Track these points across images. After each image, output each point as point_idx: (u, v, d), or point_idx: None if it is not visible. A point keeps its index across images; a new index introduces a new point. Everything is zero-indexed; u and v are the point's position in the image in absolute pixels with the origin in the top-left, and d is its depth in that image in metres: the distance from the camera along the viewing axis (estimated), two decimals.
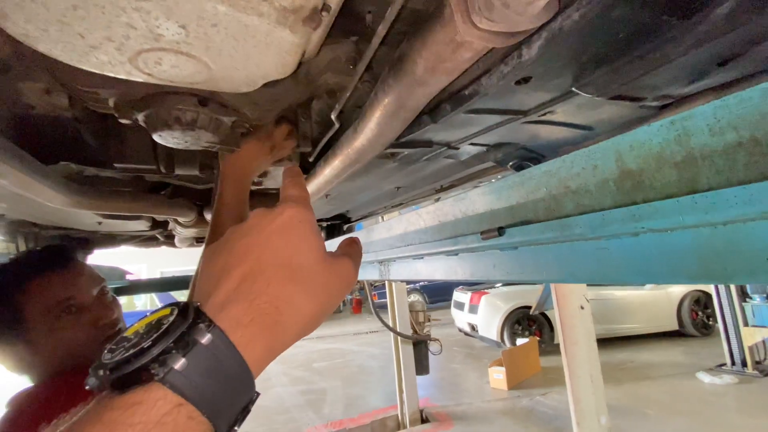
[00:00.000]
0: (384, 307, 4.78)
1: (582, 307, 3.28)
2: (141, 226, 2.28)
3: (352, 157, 0.92)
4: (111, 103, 0.66)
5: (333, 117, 0.78)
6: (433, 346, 4.51)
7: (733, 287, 5.03)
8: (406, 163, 1.28)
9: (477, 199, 0.97)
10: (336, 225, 3.11)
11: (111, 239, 2.77)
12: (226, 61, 0.52)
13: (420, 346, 4.41)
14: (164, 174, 0.98)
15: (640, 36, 0.54)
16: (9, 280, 0.76)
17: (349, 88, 0.73)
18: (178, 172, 0.97)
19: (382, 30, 0.49)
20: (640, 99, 0.71)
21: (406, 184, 1.80)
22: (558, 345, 6.21)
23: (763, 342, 4.92)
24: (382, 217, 4.44)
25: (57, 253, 0.83)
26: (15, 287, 0.75)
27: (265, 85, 0.64)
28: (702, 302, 6.70)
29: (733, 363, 5.02)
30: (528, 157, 1.22)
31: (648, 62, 0.58)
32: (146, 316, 0.30)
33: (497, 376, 5.10)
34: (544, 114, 0.82)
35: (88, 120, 0.84)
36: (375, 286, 16.02)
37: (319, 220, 2.94)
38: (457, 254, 1.20)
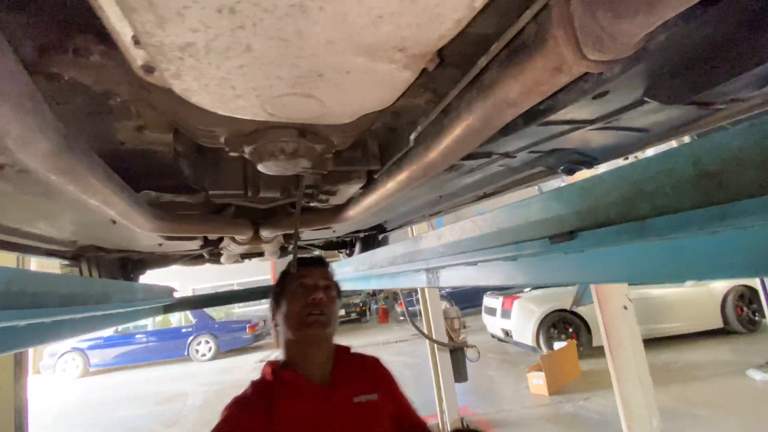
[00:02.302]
0: (413, 315, 4.76)
1: (625, 308, 3.22)
2: (194, 245, 2.40)
3: (419, 172, 0.98)
4: (222, 138, 0.74)
5: (412, 137, 0.83)
6: (470, 353, 4.49)
7: None
8: (460, 173, 1.33)
9: (542, 205, 1.00)
10: (371, 236, 3.17)
11: (164, 259, 2.91)
12: (341, 99, 0.59)
13: (457, 353, 4.39)
14: (250, 198, 1.06)
15: (718, 49, 0.58)
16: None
17: (425, 110, 0.79)
18: (263, 195, 1.05)
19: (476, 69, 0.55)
20: (710, 104, 0.74)
21: (449, 193, 1.85)
22: (597, 348, 6.06)
23: None
24: (411, 229, 4.48)
25: (317, 260, 1.19)
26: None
27: None
28: (746, 297, 6.40)
29: None
30: (580, 161, 1.25)
31: (724, 71, 0.61)
32: None
33: (537, 381, 5.01)
34: (610, 121, 0.86)
35: (187, 153, 0.93)
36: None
37: (355, 232, 3.01)
38: (515, 259, 1.24)
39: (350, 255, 3.53)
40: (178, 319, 11.83)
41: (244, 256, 2.97)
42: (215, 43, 0.41)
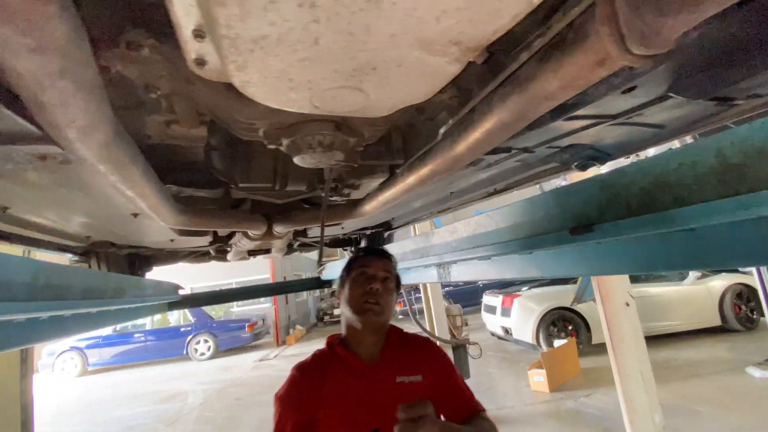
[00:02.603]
0: (413, 313, 4.75)
1: (627, 304, 3.26)
2: (203, 241, 2.42)
3: (443, 166, 1.01)
4: (261, 132, 0.76)
5: (441, 131, 0.86)
6: (472, 350, 4.52)
7: None
8: (478, 168, 1.36)
9: (560, 199, 1.03)
10: (377, 233, 3.20)
11: (171, 256, 2.93)
12: (386, 91, 0.62)
13: (459, 350, 4.42)
14: (277, 191, 1.08)
15: (743, 47, 0.61)
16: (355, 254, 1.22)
17: (449, 105, 0.82)
18: (289, 188, 1.07)
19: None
20: (731, 99, 0.77)
21: (460, 189, 1.88)
22: (596, 346, 6.11)
23: None
24: (414, 228, 4.48)
25: (380, 251, 1.22)
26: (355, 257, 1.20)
27: None
28: (744, 296, 6.48)
29: None
30: (594, 156, 1.28)
31: (747, 68, 0.64)
32: None
33: (538, 378, 5.06)
34: (631, 117, 0.89)
35: (220, 147, 0.95)
36: (399, 294, 15.94)
37: (362, 229, 3.04)
38: (531, 253, 1.26)
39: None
40: (176, 318, 11.81)
41: (252, 252, 2.99)
42: (287, 36, 0.44)
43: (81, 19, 0.55)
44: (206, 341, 11.41)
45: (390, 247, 2.33)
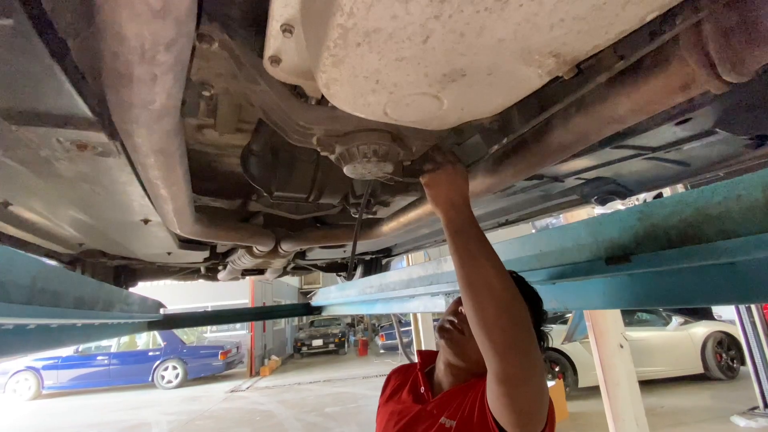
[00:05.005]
0: (392, 349, 4.56)
1: (621, 346, 3.25)
2: (199, 257, 2.33)
3: (481, 187, 1.01)
4: (314, 138, 0.74)
5: (492, 149, 0.86)
6: None
7: (760, 328, 4.98)
8: (503, 194, 1.37)
9: (593, 229, 1.03)
10: (376, 259, 3.15)
11: (160, 272, 2.80)
12: (462, 102, 0.62)
13: None
14: (310, 202, 1.06)
15: None
16: None
17: (489, 127, 0.83)
18: (323, 201, 1.04)
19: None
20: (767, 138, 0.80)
21: None
22: (583, 389, 6.02)
23: None
24: (408, 257, 4.42)
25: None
26: None
27: None
28: (725, 344, 6.58)
29: (766, 405, 4.87)
30: (616, 191, 1.30)
31: None
32: None
33: None
34: (669, 151, 0.91)
35: (260, 153, 0.92)
36: (382, 327, 15.52)
37: (363, 253, 2.99)
38: (554, 283, 1.25)
39: (349, 278, 3.48)
40: (145, 341, 11.15)
41: (246, 272, 2.89)
42: (400, 32, 0.43)
43: None
44: (175, 368, 10.75)
45: (393, 274, 2.28)
